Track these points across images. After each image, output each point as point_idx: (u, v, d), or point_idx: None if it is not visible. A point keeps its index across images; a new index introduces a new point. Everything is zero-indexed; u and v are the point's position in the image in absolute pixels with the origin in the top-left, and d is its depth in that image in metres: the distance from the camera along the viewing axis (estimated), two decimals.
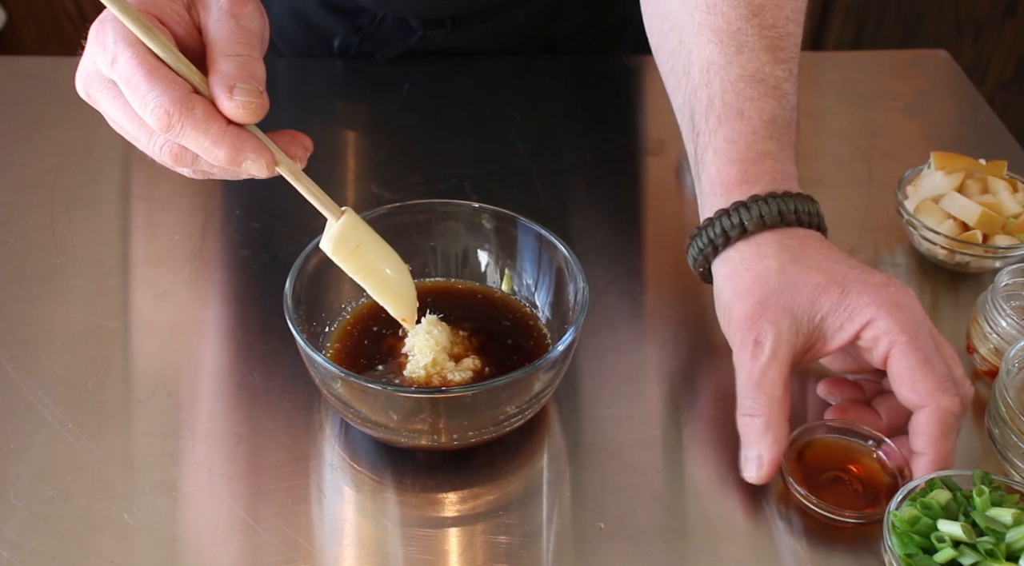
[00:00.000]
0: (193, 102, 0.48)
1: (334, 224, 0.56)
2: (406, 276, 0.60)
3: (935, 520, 0.53)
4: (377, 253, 0.59)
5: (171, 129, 0.48)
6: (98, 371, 0.67)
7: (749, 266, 0.61)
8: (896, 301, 0.58)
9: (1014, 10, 1.97)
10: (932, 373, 0.56)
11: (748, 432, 0.58)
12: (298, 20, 0.99)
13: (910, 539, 0.53)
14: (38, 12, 2.11)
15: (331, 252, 0.57)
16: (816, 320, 0.58)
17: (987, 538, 0.52)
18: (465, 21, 0.96)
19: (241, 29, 0.51)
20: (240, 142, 0.50)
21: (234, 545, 0.57)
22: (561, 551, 0.57)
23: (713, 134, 0.64)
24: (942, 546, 0.52)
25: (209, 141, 0.49)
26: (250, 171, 0.51)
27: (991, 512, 0.53)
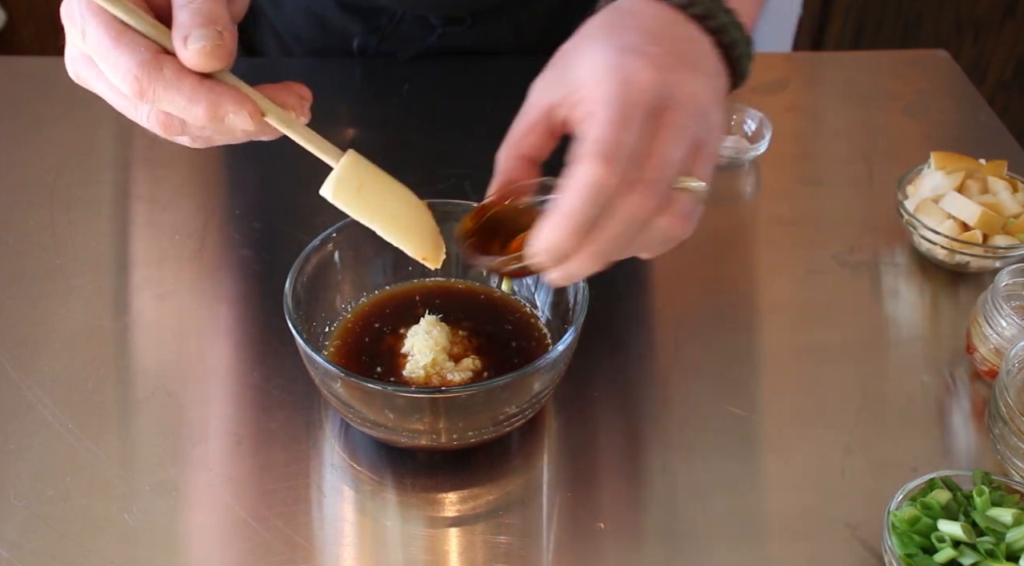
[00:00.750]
0: (161, 62, 0.46)
1: (336, 167, 0.53)
2: (422, 212, 0.57)
3: (935, 520, 0.53)
4: (384, 190, 0.55)
5: (144, 94, 0.46)
6: (98, 371, 0.67)
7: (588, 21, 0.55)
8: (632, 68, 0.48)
9: (1014, 10, 1.97)
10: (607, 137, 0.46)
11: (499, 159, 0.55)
12: (315, 22, 0.98)
13: (910, 539, 0.53)
14: (38, 12, 2.11)
15: (332, 196, 0.53)
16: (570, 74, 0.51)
17: (987, 538, 0.52)
18: (484, 17, 0.96)
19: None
20: (216, 96, 0.47)
21: (234, 545, 0.57)
22: (561, 551, 0.57)
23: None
24: (942, 546, 0.52)
25: (184, 99, 0.47)
26: (235, 125, 0.49)
27: (991, 512, 0.53)
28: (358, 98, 0.98)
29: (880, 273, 0.78)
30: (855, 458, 0.63)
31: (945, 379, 0.69)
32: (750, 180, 0.88)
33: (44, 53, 1.21)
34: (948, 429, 0.65)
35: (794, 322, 0.73)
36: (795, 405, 0.67)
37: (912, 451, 0.63)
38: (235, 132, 0.50)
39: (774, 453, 0.63)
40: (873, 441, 0.64)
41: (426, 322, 0.64)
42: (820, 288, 0.76)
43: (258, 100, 0.49)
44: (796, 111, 0.97)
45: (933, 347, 0.71)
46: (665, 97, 0.47)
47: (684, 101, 0.48)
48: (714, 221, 0.84)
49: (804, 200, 0.86)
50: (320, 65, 1.01)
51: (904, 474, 0.62)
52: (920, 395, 0.67)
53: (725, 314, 0.74)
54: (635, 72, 0.47)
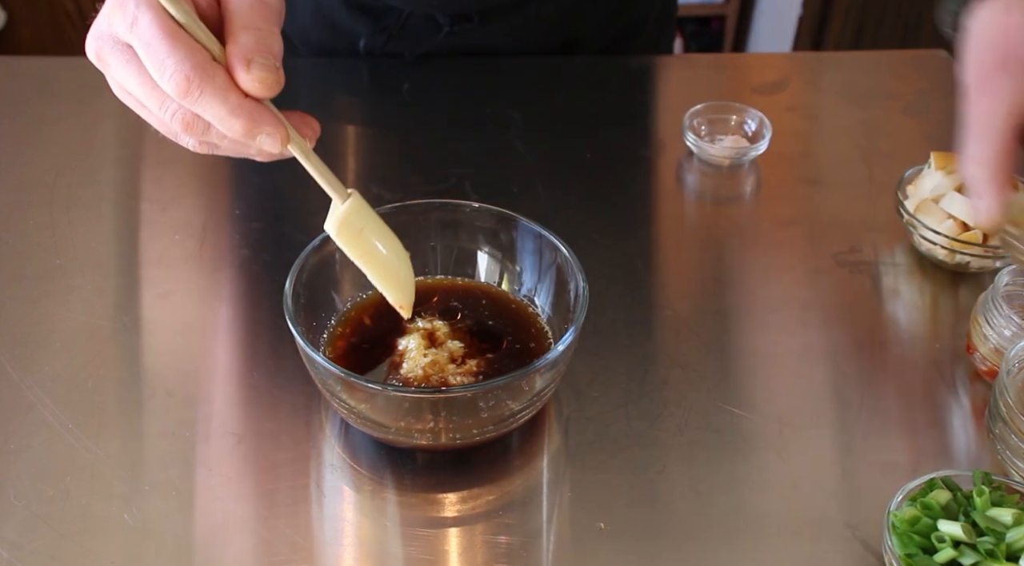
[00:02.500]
0: (214, 70, 0.48)
1: (340, 206, 0.56)
2: (407, 264, 0.60)
3: (935, 520, 0.53)
4: (380, 238, 0.58)
5: (189, 95, 0.48)
6: (98, 371, 0.67)
7: (996, 20, 0.57)
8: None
9: None
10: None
11: (974, 181, 0.56)
12: (323, 22, 0.98)
13: (910, 539, 0.53)
14: (38, 12, 2.11)
15: (335, 234, 0.57)
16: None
17: (987, 538, 0.52)
18: (492, 16, 0.96)
19: (261, 3, 0.50)
20: (258, 115, 0.49)
21: (234, 545, 0.57)
22: (561, 551, 0.57)
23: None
24: (942, 546, 0.52)
25: (227, 110, 0.48)
26: (263, 146, 0.50)
27: (991, 512, 0.53)
28: (358, 98, 0.98)
29: (880, 273, 0.78)
30: (855, 458, 0.63)
31: (945, 379, 0.69)
32: (750, 180, 0.89)
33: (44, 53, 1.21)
34: (948, 429, 0.65)
35: (794, 322, 0.73)
36: (795, 405, 0.67)
37: (912, 451, 0.63)
38: (249, 148, 0.52)
39: (774, 453, 0.63)
40: (873, 441, 0.64)
41: (426, 322, 0.64)
42: (820, 288, 0.76)
43: (288, 128, 0.51)
44: (796, 111, 0.97)
45: (933, 347, 0.71)
46: None
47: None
48: (714, 221, 0.84)
49: (804, 200, 0.86)
50: (322, 65, 1.01)
51: (904, 474, 0.62)
52: (920, 395, 0.67)
53: (725, 314, 0.74)
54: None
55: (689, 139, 0.89)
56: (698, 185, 0.88)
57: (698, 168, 0.89)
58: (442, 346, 0.63)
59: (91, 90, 0.96)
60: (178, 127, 0.51)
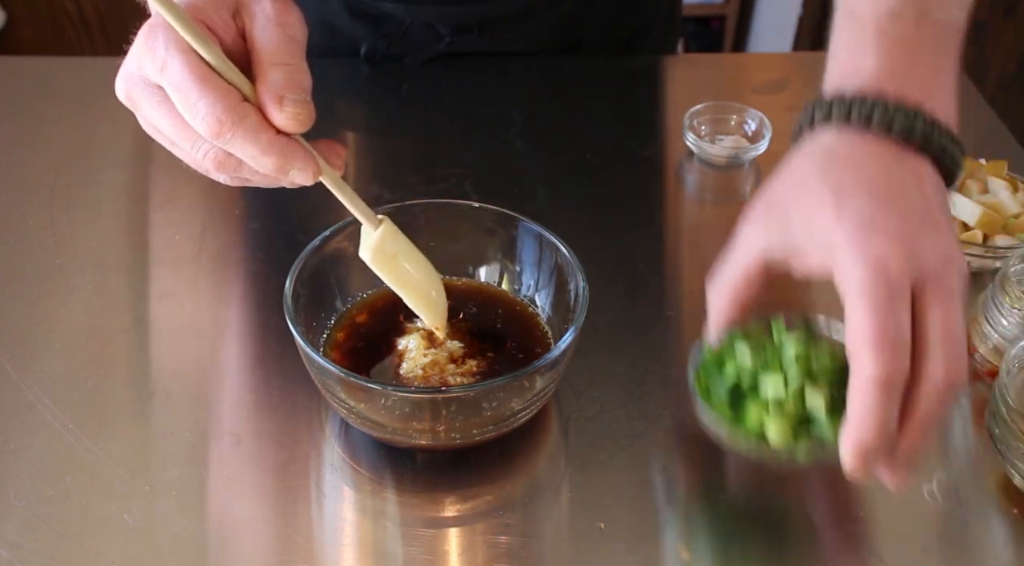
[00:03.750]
0: (245, 111, 0.48)
1: (372, 233, 0.57)
2: (439, 286, 0.62)
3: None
4: (413, 263, 0.60)
5: (221, 137, 0.48)
6: (98, 371, 0.67)
7: (791, 160, 0.55)
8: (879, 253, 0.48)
9: (1014, 10, 1.97)
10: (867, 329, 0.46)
11: (709, 302, 0.56)
12: (324, 27, 0.98)
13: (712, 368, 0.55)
14: (38, 12, 2.11)
15: (370, 261, 0.58)
16: (800, 238, 0.52)
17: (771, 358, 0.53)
18: (492, 26, 0.96)
19: (288, 38, 0.51)
20: (290, 152, 0.50)
21: (234, 545, 0.57)
22: (561, 551, 0.57)
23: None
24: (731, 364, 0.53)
25: (259, 150, 0.49)
26: (295, 180, 0.51)
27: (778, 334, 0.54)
28: (359, 98, 0.98)
29: None
30: None
31: None
32: (750, 180, 0.88)
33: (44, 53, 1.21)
34: (948, 429, 0.65)
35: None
36: None
37: None
38: (282, 181, 0.52)
39: None
40: None
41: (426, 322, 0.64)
42: (820, 288, 0.76)
43: (317, 160, 0.52)
44: (796, 111, 0.97)
45: None
46: (922, 272, 0.48)
47: (944, 274, 0.48)
48: (714, 221, 0.84)
49: None
50: (323, 65, 1.01)
51: None
52: None
53: None
54: (883, 259, 0.47)
55: (689, 139, 0.89)
56: (698, 185, 0.88)
57: (698, 168, 0.89)
58: (442, 346, 0.63)
59: (91, 90, 0.96)
60: (210, 165, 0.52)
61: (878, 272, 0.47)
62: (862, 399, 0.46)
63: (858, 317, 0.47)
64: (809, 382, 0.52)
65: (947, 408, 0.48)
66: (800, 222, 0.51)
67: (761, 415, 0.52)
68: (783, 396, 0.52)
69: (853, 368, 0.47)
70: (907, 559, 0.57)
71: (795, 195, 0.52)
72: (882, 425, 0.47)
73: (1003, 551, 0.58)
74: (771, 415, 0.52)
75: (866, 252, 0.48)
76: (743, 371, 0.54)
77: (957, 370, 0.47)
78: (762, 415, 0.52)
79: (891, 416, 0.47)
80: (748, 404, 0.53)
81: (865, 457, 0.47)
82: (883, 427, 0.47)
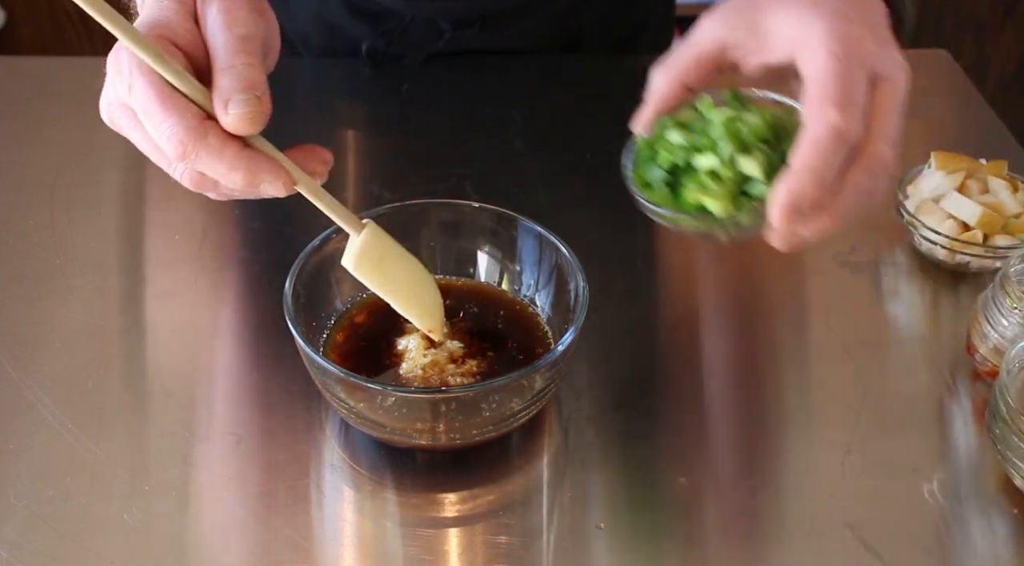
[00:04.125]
0: (206, 129, 0.48)
1: (355, 239, 0.56)
2: (431, 287, 0.60)
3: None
4: (401, 265, 0.59)
5: (187, 157, 0.48)
6: (98, 371, 0.67)
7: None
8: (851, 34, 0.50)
9: (1014, 10, 1.97)
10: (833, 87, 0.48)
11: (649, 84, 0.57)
12: (324, 27, 0.98)
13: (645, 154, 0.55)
14: (38, 12, 2.11)
15: (353, 268, 0.57)
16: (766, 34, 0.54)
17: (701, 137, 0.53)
18: (494, 20, 0.96)
19: (235, 38, 0.50)
20: (255, 166, 0.49)
21: (234, 545, 0.57)
22: (561, 551, 0.57)
23: None
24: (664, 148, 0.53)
25: (224, 167, 0.49)
26: (268, 192, 0.51)
27: (706, 112, 0.54)
28: (359, 98, 0.98)
29: (880, 273, 0.78)
30: (855, 458, 0.63)
31: (945, 379, 0.69)
32: None
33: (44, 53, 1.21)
34: (948, 429, 0.65)
35: (794, 322, 0.73)
36: (795, 405, 0.67)
37: (912, 451, 0.63)
38: (264, 194, 0.52)
39: (774, 453, 0.63)
40: (873, 441, 0.64)
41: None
42: (820, 288, 0.76)
43: (291, 169, 0.51)
44: None
45: (933, 347, 0.71)
46: (879, 69, 0.50)
47: (897, 77, 0.51)
48: None
49: None
50: (323, 65, 1.01)
51: (904, 474, 0.62)
52: (920, 395, 0.67)
53: (725, 314, 0.74)
54: (858, 40, 0.50)
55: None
56: None
57: None
58: (442, 346, 0.63)
59: (91, 90, 0.95)
60: (189, 185, 0.52)
61: (849, 45, 0.49)
62: (812, 148, 0.48)
63: (825, 77, 0.49)
64: (741, 149, 0.52)
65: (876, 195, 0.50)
66: (769, 18, 0.53)
67: (700, 191, 0.52)
68: (717, 166, 0.52)
69: (809, 123, 0.48)
70: (907, 559, 0.57)
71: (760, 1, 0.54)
72: (822, 178, 0.48)
73: (1003, 551, 0.58)
74: (709, 187, 0.52)
75: (840, 30, 0.50)
76: (676, 152, 0.53)
77: (893, 159, 0.50)
78: (701, 191, 0.52)
79: (833, 172, 0.48)
80: (686, 182, 0.53)
81: (795, 206, 0.48)
82: (822, 180, 0.48)
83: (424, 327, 0.61)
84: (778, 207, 0.49)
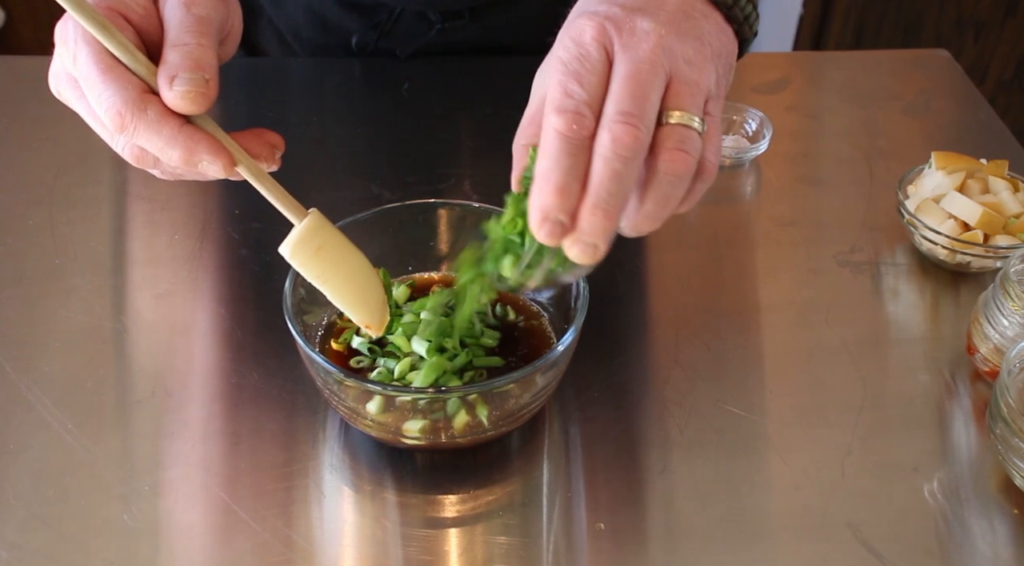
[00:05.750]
0: (146, 102, 0.48)
1: (297, 227, 0.55)
2: (373, 280, 0.58)
3: None
4: (340, 256, 0.56)
5: (125, 130, 0.48)
6: (97, 371, 0.67)
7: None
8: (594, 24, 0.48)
9: (1014, 10, 1.97)
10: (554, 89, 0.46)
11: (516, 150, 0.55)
12: (314, 20, 0.98)
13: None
14: (38, 12, 2.11)
15: (289, 255, 0.55)
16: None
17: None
18: (483, 12, 0.96)
19: (192, 17, 0.49)
20: (193, 143, 0.49)
21: (234, 545, 0.57)
22: (561, 551, 0.57)
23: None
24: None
25: (162, 142, 0.48)
26: (207, 172, 0.50)
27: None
28: (358, 98, 0.98)
29: (880, 273, 0.78)
30: (855, 458, 0.63)
31: (945, 379, 0.69)
32: (750, 180, 0.88)
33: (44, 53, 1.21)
34: (949, 429, 0.65)
35: (794, 322, 0.73)
36: (795, 405, 0.67)
37: (913, 451, 0.63)
38: (206, 174, 0.51)
39: (774, 453, 0.63)
40: (874, 441, 0.64)
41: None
42: (820, 288, 0.76)
43: (232, 150, 0.50)
44: (796, 111, 0.97)
45: (933, 347, 0.71)
46: (611, 40, 0.47)
47: (636, 40, 0.47)
48: (714, 221, 0.84)
49: (804, 200, 0.86)
50: (320, 65, 1.01)
51: (905, 474, 0.62)
52: (921, 395, 0.67)
53: (725, 314, 0.73)
54: (583, 29, 0.48)
55: None
56: None
57: None
58: None
59: None
60: (130, 159, 0.51)
61: (575, 41, 0.47)
62: (541, 158, 0.46)
63: (551, 87, 0.47)
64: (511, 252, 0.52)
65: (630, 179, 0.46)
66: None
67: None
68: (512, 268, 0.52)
69: (541, 135, 0.46)
70: (907, 559, 0.57)
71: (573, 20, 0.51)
72: (560, 183, 0.45)
73: (1003, 551, 0.58)
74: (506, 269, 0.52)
75: (572, 27, 0.48)
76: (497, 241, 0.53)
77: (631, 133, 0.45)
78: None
79: (570, 177, 0.45)
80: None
81: (547, 219, 0.46)
82: (564, 186, 0.45)
83: (360, 322, 0.59)
84: (536, 223, 0.46)
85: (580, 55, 0.47)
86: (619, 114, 0.45)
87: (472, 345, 0.63)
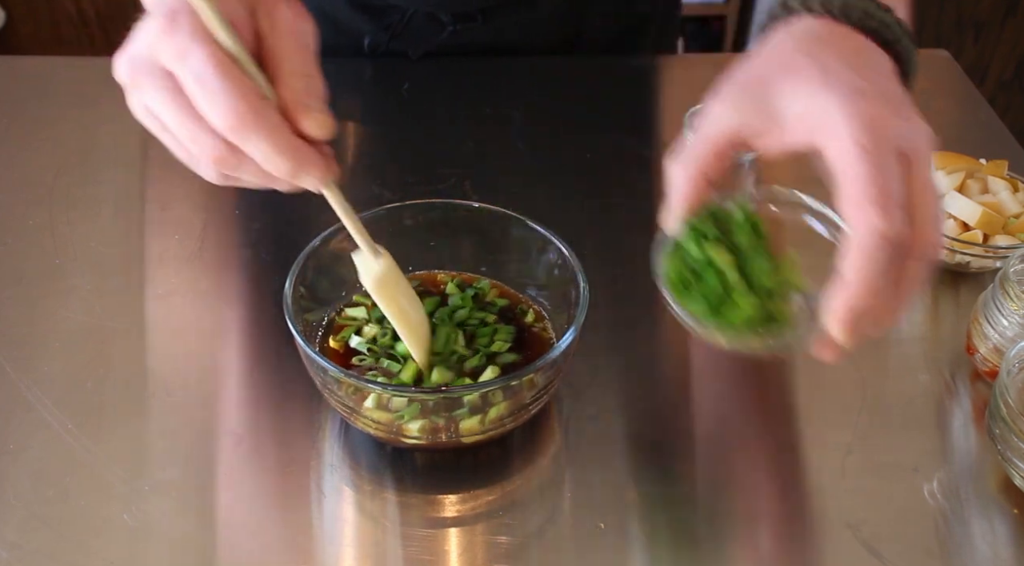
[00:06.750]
0: (266, 108, 0.48)
1: (372, 261, 0.57)
2: (426, 321, 0.62)
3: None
4: (408, 297, 0.60)
5: (239, 130, 0.47)
6: (97, 371, 0.67)
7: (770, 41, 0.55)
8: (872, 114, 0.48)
9: (1014, 10, 1.97)
10: (870, 186, 0.46)
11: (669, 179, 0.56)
12: (326, 21, 0.98)
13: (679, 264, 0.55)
14: (38, 12, 2.11)
15: (374, 290, 0.58)
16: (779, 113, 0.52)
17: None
18: (495, 14, 0.96)
19: (305, 48, 0.51)
20: (303, 156, 0.49)
21: (234, 545, 0.57)
22: (561, 551, 0.57)
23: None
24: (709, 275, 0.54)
25: (275, 149, 0.48)
26: (303, 184, 0.51)
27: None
28: (358, 98, 0.98)
29: None
30: (855, 458, 0.63)
31: (945, 379, 0.69)
32: (750, 180, 0.88)
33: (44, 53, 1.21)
34: (948, 429, 0.65)
35: None
36: (795, 405, 0.67)
37: (913, 451, 0.63)
38: (275, 181, 0.51)
39: (774, 453, 0.63)
40: (874, 441, 0.64)
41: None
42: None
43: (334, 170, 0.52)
44: None
45: (933, 347, 0.71)
46: (905, 146, 0.48)
47: (923, 148, 0.49)
48: None
49: None
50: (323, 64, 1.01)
51: (905, 474, 0.62)
52: (921, 395, 0.67)
53: None
54: (880, 121, 0.47)
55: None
56: None
57: None
58: None
59: (91, 90, 0.96)
60: (208, 159, 0.50)
61: (875, 130, 0.47)
62: (861, 258, 0.46)
63: (858, 175, 0.46)
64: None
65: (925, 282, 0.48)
66: (782, 96, 0.51)
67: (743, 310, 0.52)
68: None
69: (854, 229, 0.46)
70: (907, 559, 0.57)
71: (777, 71, 0.52)
72: (875, 287, 0.46)
73: (1003, 551, 0.58)
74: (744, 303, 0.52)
75: (861, 111, 0.47)
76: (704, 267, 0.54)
77: (941, 242, 0.49)
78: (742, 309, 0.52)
79: (885, 277, 0.46)
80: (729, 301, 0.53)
81: (855, 318, 0.46)
82: (876, 289, 0.46)
83: (418, 359, 0.62)
84: (838, 322, 0.47)
85: (885, 154, 0.47)
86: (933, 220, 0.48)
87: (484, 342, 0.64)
